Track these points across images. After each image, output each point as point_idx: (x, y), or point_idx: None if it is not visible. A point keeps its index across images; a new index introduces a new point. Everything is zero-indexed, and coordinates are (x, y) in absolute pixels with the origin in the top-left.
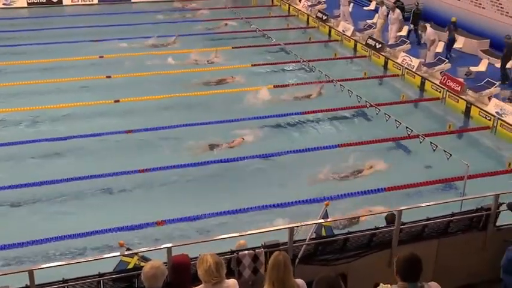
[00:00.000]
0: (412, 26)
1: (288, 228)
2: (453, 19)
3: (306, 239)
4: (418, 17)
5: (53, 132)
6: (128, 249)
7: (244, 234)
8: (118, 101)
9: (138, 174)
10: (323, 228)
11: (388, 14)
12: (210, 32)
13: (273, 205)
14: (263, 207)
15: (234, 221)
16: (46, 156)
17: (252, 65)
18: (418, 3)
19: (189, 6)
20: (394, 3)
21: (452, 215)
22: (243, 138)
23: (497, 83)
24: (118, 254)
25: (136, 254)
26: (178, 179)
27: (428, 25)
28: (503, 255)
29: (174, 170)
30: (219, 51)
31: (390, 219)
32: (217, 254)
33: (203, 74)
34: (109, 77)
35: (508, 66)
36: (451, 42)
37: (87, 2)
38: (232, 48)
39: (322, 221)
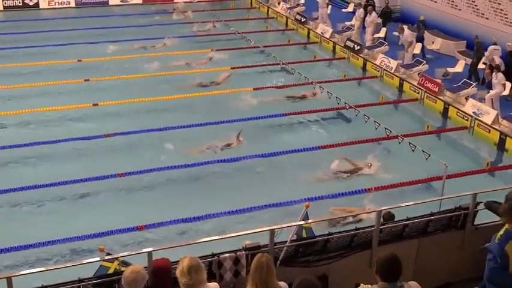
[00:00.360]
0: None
1: (269, 230)
2: (421, 18)
3: (286, 241)
4: (388, 16)
5: (30, 137)
6: (108, 254)
7: (225, 237)
8: (97, 104)
9: (118, 179)
10: (304, 230)
11: (365, 16)
12: (191, 34)
13: (256, 207)
14: (246, 210)
15: (215, 223)
16: (24, 161)
17: (231, 68)
18: (388, 2)
19: (186, 15)
20: (366, 2)
21: (431, 214)
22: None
23: (474, 84)
24: (98, 259)
25: (116, 258)
26: (158, 182)
27: (406, 27)
28: (481, 254)
29: (154, 174)
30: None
31: (387, 217)
32: (199, 257)
33: (185, 77)
34: (87, 80)
35: (479, 66)
36: (419, 40)
37: (64, 6)
38: (212, 50)
39: (302, 222)
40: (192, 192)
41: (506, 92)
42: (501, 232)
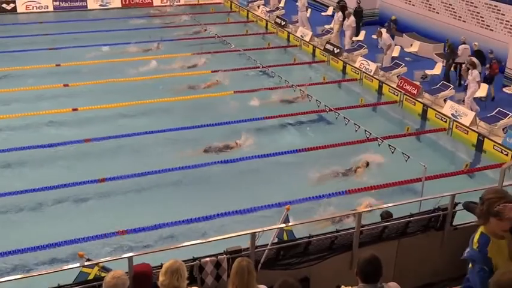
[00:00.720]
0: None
1: (250, 233)
2: (393, 17)
3: (268, 244)
4: (359, 15)
5: (8, 142)
6: (88, 259)
7: (206, 241)
8: (76, 109)
9: (98, 184)
10: (285, 233)
11: (344, 19)
12: (171, 38)
13: (237, 211)
14: (226, 214)
15: (195, 228)
16: (2, 167)
17: (211, 72)
18: (359, 2)
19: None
20: (338, 3)
21: (411, 215)
22: (237, 143)
23: (452, 86)
24: (78, 265)
25: (96, 264)
26: (139, 187)
27: (384, 30)
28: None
29: (134, 179)
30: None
31: (385, 216)
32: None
33: (166, 80)
34: (66, 85)
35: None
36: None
37: (42, 10)
38: (192, 54)
39: (283, 225)
40: (176, 195)
41: (482, 94)
42: (477, 237)
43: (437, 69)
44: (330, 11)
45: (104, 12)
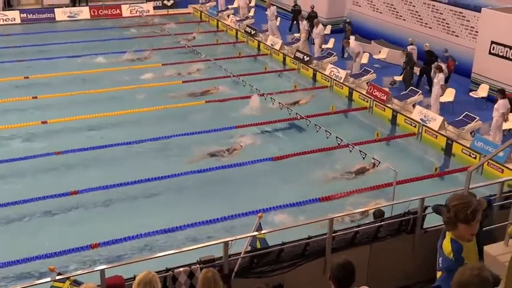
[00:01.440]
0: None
1: (222, 242)
2: (347, 20)
3: (241, 252)
4: (313, 19)
5: None
6: (59, 273)
7: (180, 251)
8: (46, 122)
9: (69, 197)
10: (257, 241)
11: (310, 28)
12: (141, 49)
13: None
14: (199, 224)
15: (169, 238)
16: None
17: (182, 82)
18: (313, 6)
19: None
20: (293, 7)
21: (382, 220)
22: (241, 146)
23: (420, 91)
24: (49, 279)
25: (68, 278)
26: (111, 198)
27: (352, 38)
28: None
29: (106, 191)
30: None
31: (378, 215)
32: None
33: (138, 91)
34: (35, 97)
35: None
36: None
37: (10, 22)
38: (162, 65)
39: (256, 233)
40: (150, 206)
41: (449, 98)
42: (448, 244)
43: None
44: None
45: (72, 23)
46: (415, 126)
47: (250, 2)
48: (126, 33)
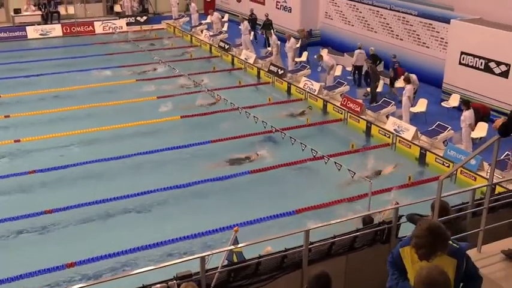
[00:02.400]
0: (260, 32)
1: (199, 257)
2: (306, 29)
3: (218, 267)
4: (268, 27)
5: None
6: None
7: (156, 267)
8: (19, 140)
9: (44, 216)
10: (234, 255)
11: (281, 42)
12: (116, 65)
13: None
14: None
15: (145, 254)
16: None
17: (157, 98)
18: (267, 14)
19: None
20: (250, 16)
21: (357, 230)
22: (258, 154)
23: (393, 103)
24: None
25: None
26: (85, 217)
27: (326, 51)
28: None
29: (80, 209)
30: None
31: (368, 220)
32: None
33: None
34: (7, 116)
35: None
36: (304, 48)
37: None
38: (136, 80)
39: (232, 247)
40: (124, 224)
41: (421, 109)
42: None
43: (379, 87)
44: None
45: (44, 41)
46: (389, 137)
47: (223, 17)
48: (100, 50)
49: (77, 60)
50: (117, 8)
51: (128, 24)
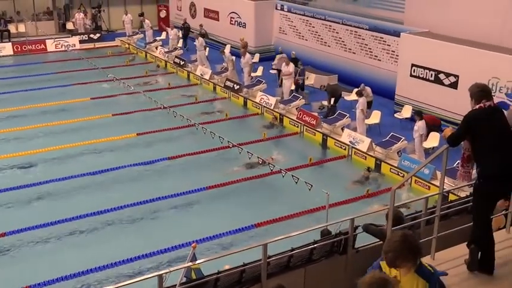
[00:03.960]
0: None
1: (156, 275)
2: (241, 37)
3: (176, 285)
4: (187, 30)
5: None
6: None
7: (115, 287)
8: None
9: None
10: (192, 271)
11: (235, 58)
12: (69, 83)
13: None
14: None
15: (96, 277)
16: None
17: (112, 115)
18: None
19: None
20: (183, 24)
21: (315, 242)
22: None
23: (348, 115)
24: None
25: None
26: (50, 236)
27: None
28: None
29: (46, 229)
30: None
31: (326, 233)
32: None
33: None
34: None
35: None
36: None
37: None
38: (91, 99)
39: (190, 264)
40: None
41: (376, 120)
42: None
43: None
44: (227, 49)
45: (13, 58)
46: (345, 149)
47: (179, 33)
48: (52, 68)
49: (28, 78)
50: (69, 26)
51: (80, 41)
